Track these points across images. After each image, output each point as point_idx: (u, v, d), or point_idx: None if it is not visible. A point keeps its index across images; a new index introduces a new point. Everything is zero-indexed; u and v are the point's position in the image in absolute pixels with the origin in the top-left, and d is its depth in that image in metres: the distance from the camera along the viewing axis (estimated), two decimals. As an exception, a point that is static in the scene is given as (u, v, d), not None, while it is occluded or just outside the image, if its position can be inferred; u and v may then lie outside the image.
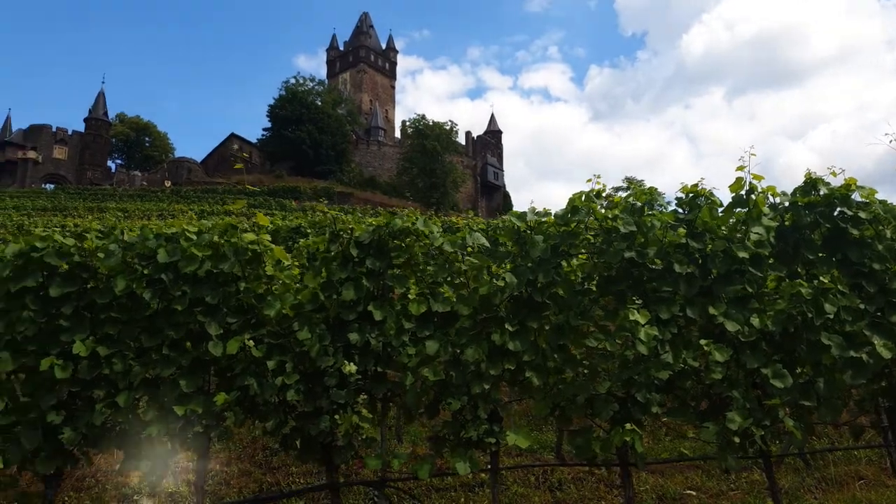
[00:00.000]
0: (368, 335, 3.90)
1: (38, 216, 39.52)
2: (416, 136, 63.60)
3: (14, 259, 4.01)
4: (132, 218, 37.39)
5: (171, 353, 3.83)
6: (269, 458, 6.02)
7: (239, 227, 4.17)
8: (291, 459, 5.75)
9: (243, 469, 5.86)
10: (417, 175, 61.70)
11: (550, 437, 6.47)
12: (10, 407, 3.77)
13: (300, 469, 5.68)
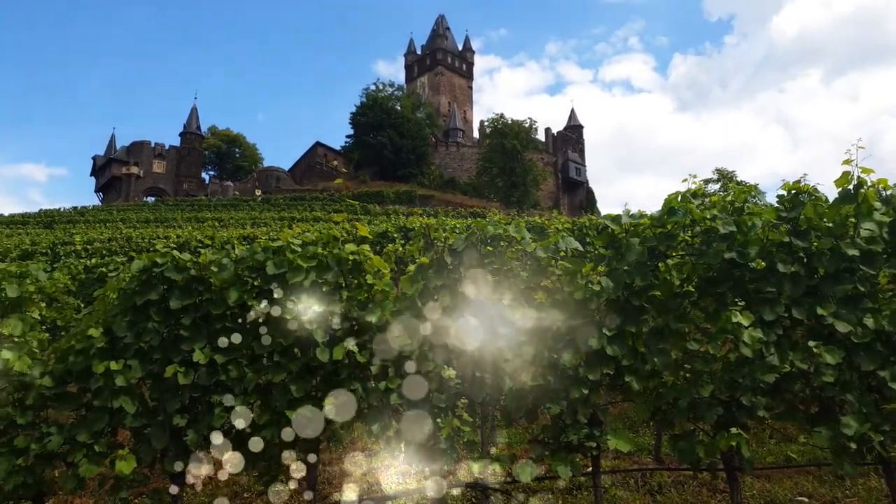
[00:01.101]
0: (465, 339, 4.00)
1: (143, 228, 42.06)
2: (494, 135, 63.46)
3: (139, 274, 4.37)
4: (227, 227, 39.22)
5: (282, 359, 4.06)
6: (370, 457, 6.24)
7: (340, 239, 4.37)
8: (392, 460, 5.95)
9: (344, 469, 6.10)
10: (497, 174, 61.54)
11: (647, 440, 6.38)
12: (140, 411, 4.12)
13: (399, 470, 5.85)
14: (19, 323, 4.42)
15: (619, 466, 5.55)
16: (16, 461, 3.96)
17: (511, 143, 60.47)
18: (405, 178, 74.38)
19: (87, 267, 15.03)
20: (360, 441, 6.51)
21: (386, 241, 14.38)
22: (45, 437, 4.03)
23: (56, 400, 4.20)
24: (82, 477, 3.90)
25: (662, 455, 5.76)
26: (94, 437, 4.02)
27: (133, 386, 4.13)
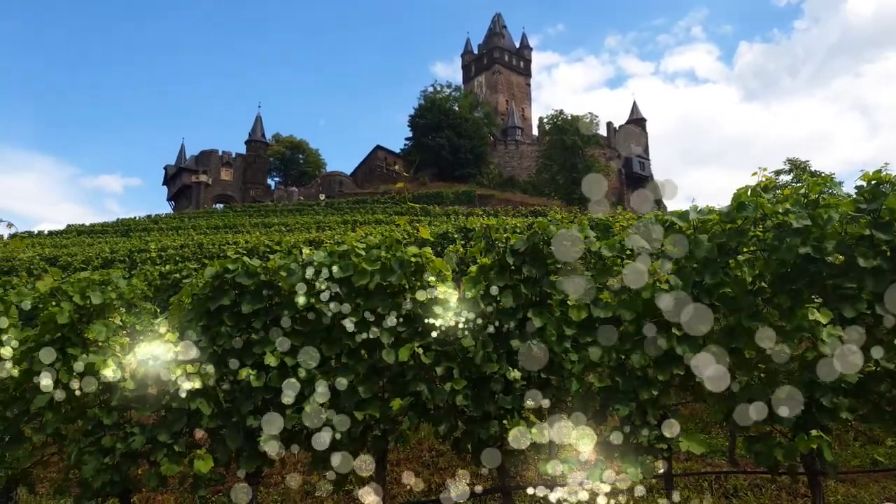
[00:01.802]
0: (530, 342, 3.98)
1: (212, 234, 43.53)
2: (553, 131, 62.88)
3: (211, 280, 4.54)
4: (293, 231, 40.19)
5: (349, 361, 4.14)
6: (436, 458, 6.29)
7: (403, 242, 4.43)
8: (458, 461, 5.98)
9: (412, 469, 6.16)
10: (558, 172, 60.96)
11: (720, 441, 6.19)
12: (215, 412, 4.28)
13: (466, 471, 5.87)
14: (103, 328, 4.66)
15: (692, 468, 5.41)
16: (103, 460, 4.18)
17: (571, 139, 59.77)
18: (464, 179, 74.54)
19: (162, 273, 15.71)
20: (427, 441, 6.57)
21: (446, 242, 14.45)
22: (129, 436, 4.24)
23: (138, 401, 4.41)
24: (164, 475, 4.08)
25: (737, 457, 5.58)
26: (174, 437, 4.20)
27: (209, 388, 4.29)
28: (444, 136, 76.08)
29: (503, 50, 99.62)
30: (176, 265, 17.46)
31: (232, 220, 56.55)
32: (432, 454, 6.42)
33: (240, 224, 52.90)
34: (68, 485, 4.41)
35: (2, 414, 4.74)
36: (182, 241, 32.59)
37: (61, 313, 4.60)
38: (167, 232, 50.13)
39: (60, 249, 35.75)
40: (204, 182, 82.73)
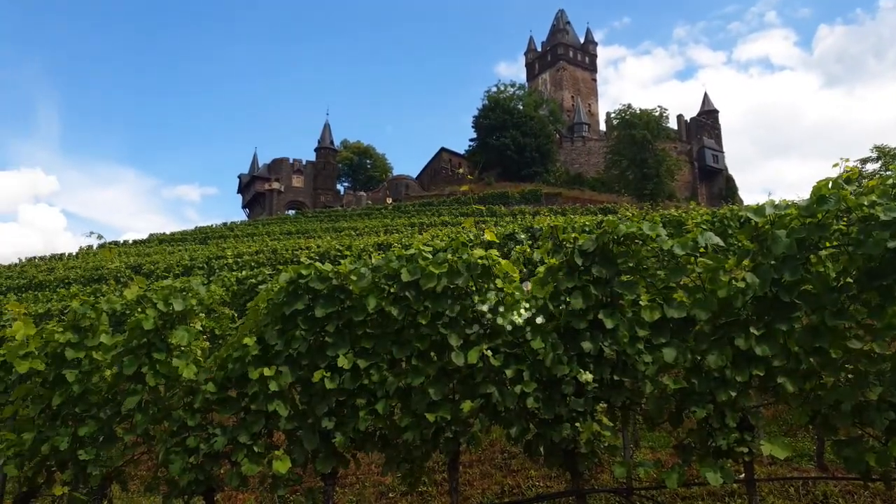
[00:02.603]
0: (601, 343, 3.92)
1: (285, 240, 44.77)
2: (622, 126, 61.50)
3: (286, 286, 4.68)
4: (362, 235, 40.90)
5: (419, 363, 4.19)
6: (508, 460, 6.27)
7: (469, 244, 4.44)
8: (530, 463, 5.95)
9: (484, 471, 6.17)
10: (627, 167, 59.52)
11: (806, 445, 5.91)
12: (292, 414, 4.41)
13: (539, 473, 5.83)
14: (185, 333, 4.88)
15: (776, 473, 5.18)
16: (188, 459, 4.37)
17: (640, 133, 58.32)
18: (530, 178, 73.98)
19: (239, 279, 16.27)
20: (499, 443, 6.56)
21: (513, 243, 14.37)
22: (211, 437, 4.42)
23: (219, 404, 4.59)
24: (245, 475, 4.23)
25: (826, 462, 5.31)
26: (253, 438, 4.35)
27: (285, 391, 4.42)
28: (509, 135, 75.74)
29: (567, 46, 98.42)
30: (252, 270, 18.06)
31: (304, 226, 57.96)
32: (504, 456, 6.40)
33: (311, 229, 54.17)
34: (157, 483, 4.63)
35: (95, 415, 5.04)
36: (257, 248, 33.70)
37: (147, 320, 4.84)
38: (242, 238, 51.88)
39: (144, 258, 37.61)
40: (276, 189, 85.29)
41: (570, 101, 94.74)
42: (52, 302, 19.43)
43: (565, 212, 44.67)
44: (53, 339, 5.35)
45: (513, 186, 68.52)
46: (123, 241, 59.43)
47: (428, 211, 59.79)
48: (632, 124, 59.42)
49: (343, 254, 18.00)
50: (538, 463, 5.71)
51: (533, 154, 76.10)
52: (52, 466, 5.08)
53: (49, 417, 5.12)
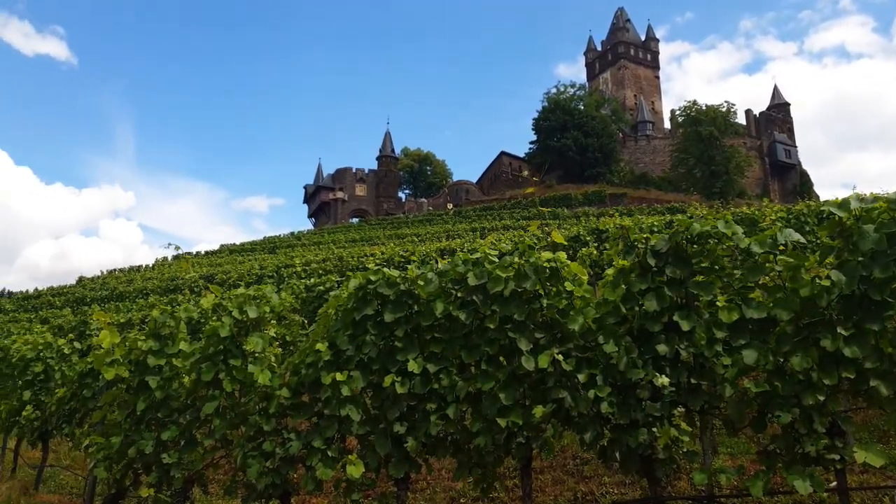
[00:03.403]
0: (677, 346, 3.80)
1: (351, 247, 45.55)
2: (687, 123, 59.86)
3: (355, 292, 4.75)
4: (425, 241, 41.19)
5: (489, 367, 4.16)
6: (580, 466, 6.15)
7: (536, 247, 4.40)
8: (603, 469, 5.82)
9: (556, 477, 6.07)
10: (694, 165, 57.86)
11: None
12: (364, 419, 4.45)
13: (612, 479, 5.70)
14: (259, 340, 5.02)
15: (868, 482, 4.90)
16: (265, 463, 4.48)
17: (707, 129, 56.68)
18: (593, 178, 72.87)
19: (308, 286, 16.64)
20: (571, 449, 6.45)
21: (578, 245, 14.16)
22: (286, 442, 4.52)
23: (293, 409, 4.69)
24: (319, 479, 4.30)
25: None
26: (327, 443, 4.42)
27: (357, 395, 4.47)
28: (570, 136, 74.84)
29: (628, 44, 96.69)
30: (319, 278, 18.44)
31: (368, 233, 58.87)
32: (576, 462, 6.28)
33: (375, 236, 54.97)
34: (236, 486, 4.76)
35: (176, 420, 5.23)
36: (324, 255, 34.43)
37: (223, 327, 5.00)
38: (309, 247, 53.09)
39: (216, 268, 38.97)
40: (340, 198, 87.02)
41: (632, 99, 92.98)
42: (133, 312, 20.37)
43: (631, 212, 43.73)
44: (136, 346, 5.60)
45: (575, 188, 67.62)
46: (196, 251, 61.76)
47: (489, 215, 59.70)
48: (698, 121, 57.81)
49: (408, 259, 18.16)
50: (612, 469, 5.59)
51: (595, 154, 74.93)
52: (138, 469, 5.30)
53: (134, 422, 5.36)
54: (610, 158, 76.35)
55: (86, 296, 38.05)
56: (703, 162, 56.99)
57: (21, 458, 9.59)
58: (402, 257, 18.95)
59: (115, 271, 58.58)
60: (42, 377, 8.81)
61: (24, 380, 8.87)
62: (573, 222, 34.59)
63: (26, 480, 8.67)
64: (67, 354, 9.02)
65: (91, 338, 7.67)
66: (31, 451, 9.78)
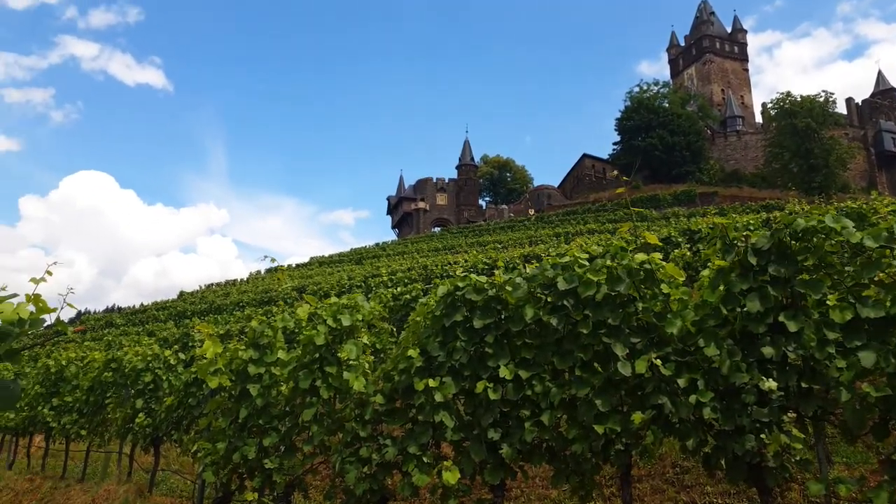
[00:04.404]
0: (784, 348, 3.59)
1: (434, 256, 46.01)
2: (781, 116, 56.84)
3: (444, 298, 4.78)
4: (507, 248, 41.08)
5: (583, 373, 4.07)
6: (680, 475, 5.93)
7: (629, 249, 4.28)
8: (705, 478, 5.58)
9: (655, 486, 5.88)
10: (790, 160, 54.82)
11: None
12: (457, 425, 4.46)
13: (715, 489, 5.46)
14: (353, 347, 5.13)
15: None
16: (362, 469, 4.57)
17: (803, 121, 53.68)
18: (681, 178, 70.61)
19: (394, 295, 16.92)
20: (670, 457, 6.23)
21: (670, 247, 13.71)
22: (382, 448, 4.59)
23: (387, 415, 4.76)
24: (416, 485, 4.34)
25: None
26: (422, 448, 4.46)
27: (449, 401, 4.49)
28: (655, 135, 72.89)
29: (713, 37, 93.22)
30: (405, 287, 18.72)
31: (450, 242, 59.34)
32: (676, 470, 6.06)
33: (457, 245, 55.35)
34: (335, 492, 4.87)
35: (276, 427, 5.42)
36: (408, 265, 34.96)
37: (318, 335, 5.15)
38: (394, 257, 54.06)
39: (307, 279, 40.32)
40: (422, 208, 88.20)
41: (720, 94, 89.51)
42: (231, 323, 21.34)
43: (724, 211, 42.01)
44: (237, 356, 5.85)
45: (663, 188, 65.70)
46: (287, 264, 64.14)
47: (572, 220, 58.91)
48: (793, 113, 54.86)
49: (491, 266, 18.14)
50: (714, 478, 5.35)
51: (683, 153, 72.62)
52: (243, 473, 5.52)
53: (238, 428, 5.59)
54: (698, 156, 73.80)
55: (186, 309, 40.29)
56: (799, 156, 53.97)
57: (136, 462, 10.20)
58: (486, 264, 18.95)
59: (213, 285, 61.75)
60: (152, 386, 9.37)
61: (135, 389, 9.46)
62: (662, 224, 33.58)
63: (141, 483, 9.23)
64: (173, 365, 9.55)
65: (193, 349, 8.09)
66: (143, 455, 10.38)
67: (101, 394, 10.44)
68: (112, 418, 9.92)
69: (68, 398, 11.31)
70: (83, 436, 10.62)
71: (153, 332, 28.44)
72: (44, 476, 11.67)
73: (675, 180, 70.17)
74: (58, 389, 11.91)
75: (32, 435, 13.33)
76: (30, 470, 12.65)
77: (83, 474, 10.92)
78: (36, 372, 12.90)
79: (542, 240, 44.02)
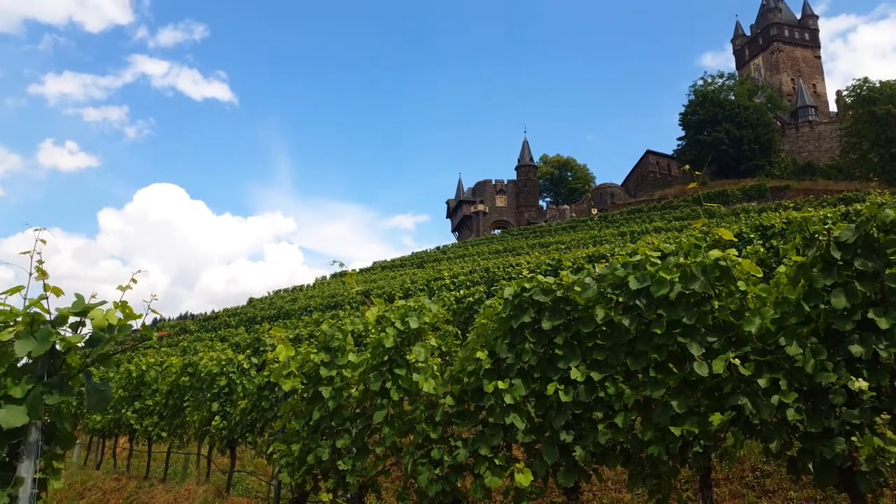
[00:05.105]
0: (875, 346, 3.41)
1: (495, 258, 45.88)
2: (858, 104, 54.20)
3: (511, 300, 4.76)
4: (570, 249, 40.58)
5: (658, 374, 3.97)
6: (761, 479, 5.70)
7: (703, 246, 4.16)
8: (788, 482, 5.36)
9: (734, 490, 5.68)
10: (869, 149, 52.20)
11: None
12: (528, 427, 4.43)
13: (800, 494, 5.23)
14: (422, 350, 5.16)
15: None
16: (434, 471, 4.59)
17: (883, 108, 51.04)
18: (749, 172, 68.20)
19: (457, 298, 16.96)
20: (749, 460, 6.00)
21: (741, 244, 13.24)
22: (453, 449, 4.60)
23: (458, 417, 4.77)
24: (488, 487, 4.33)
25: None
26: (493, 451, 4.44)
27: (520, 403, 4.46)
28: (722, 129, 70.66)
29: (781, 25, 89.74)
30: (468, 289, 18.73)
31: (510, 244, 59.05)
32: (756, 475, 5.83)
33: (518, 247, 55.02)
34: (407, 493, 4.91)
35: (348, 429, 5.51)
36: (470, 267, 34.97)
37: (387, 338, 5.21)
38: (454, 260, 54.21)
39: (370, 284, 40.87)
40: (481, 211, 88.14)
41: (789, 84, 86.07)
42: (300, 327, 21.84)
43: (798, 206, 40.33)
44: (309, 359, 5.98)
45: (731, 183, 63.51)
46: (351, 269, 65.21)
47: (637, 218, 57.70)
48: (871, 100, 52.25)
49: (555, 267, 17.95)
50: (798, 483, 5.13)
51: (751, 146, 70.13)
52: (317, 475, 5.64)
53: (311, 430, 5.71)
54: (768, 149, 71.11)
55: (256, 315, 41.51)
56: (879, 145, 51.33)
57: (213, 463, 10.57)
58: (549, 266, 18.76)
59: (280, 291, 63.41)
60: (226, 390, 9.69)
61: (211, 392, 9.82)
62: (731, 220, 32.50)
63: (219, 484, 9.55)
64: (246, 369, 9.85)
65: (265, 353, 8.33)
66: (220, 457, 10.74)
67: (180, 397, 10.89)
68: (190, 421, 10.32)
69: (149, 402, 11.84)
70: (164, 437, 11.09)
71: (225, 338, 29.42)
72: (129, 476, 12.23)
73: (744, 175, 67.78)
74: (139, 393, 12.49)
75: (117, 437, 14.02)
76: (116, 470, 13.30)
77: (165, 474, 11.39)
78: (119, 377, 13.55)
79: (607, 240, 43.27)
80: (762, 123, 72.04)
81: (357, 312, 20.19)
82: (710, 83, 76.72)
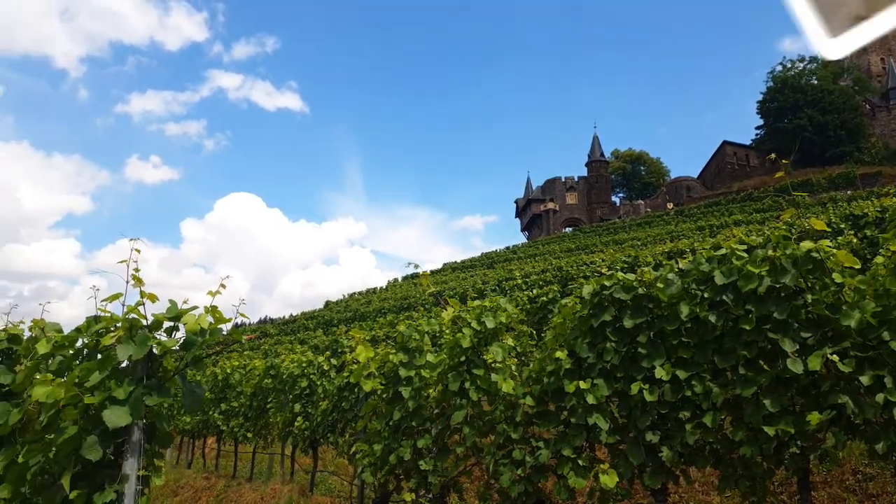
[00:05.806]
0: None
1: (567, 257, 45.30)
2: (956, 82, 50.58)
3: (590, 298, 4.67)
4: (647, 245, 39.60)
5: (748, 372, 3.81)
6: (863, 483, 5.38)
7: (792, 238, 3.97)
8: (893, 486, 5.04)
9: (833, 494, 5.38)
10: (969, 129, 48.63)
11: None
12: (612, 427, 4.34)
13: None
14: (499, 350, 5.14)
15: None
16: (516, 471, 4.56)
17: (984, 85, 47.34)
18: (836, 159, 64.70)
19: (531, 297, 16.83)
20: (849, 462, 5.68)
21: (831, 234, 12.58)
22: (535, 450, 4.56)
23: (538, 417, 4.72)
24: (572, 488, 4.27)
25: None
26: (576, 451, 4.37)
27: (602, 404, 4.38)
28: (804, 115, 67.37)
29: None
30: (541, 289, 18.57)
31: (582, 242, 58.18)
32: (858, 478, 5.51)
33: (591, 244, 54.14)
34: (489, 494, 4.90)
35: (428, 428, 5.55)
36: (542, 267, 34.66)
37: (464, 338, 5.22)
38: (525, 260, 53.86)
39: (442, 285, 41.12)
40: (552, 209, 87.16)
41: (879, 64, 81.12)
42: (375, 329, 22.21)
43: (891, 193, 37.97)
44: (388, 359, 6.06)
45: (816, 172, 60.40)
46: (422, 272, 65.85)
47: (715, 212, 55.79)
48: (971, 76, 48.52)
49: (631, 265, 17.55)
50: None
51: (837, 132, 66.51)
52: (400, 475, 5.70)
53: (392, 430, 5.78)
54: (856, 135, 67.28)
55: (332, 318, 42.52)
56: (982, 124, 47.63)
57: (297, 463, 10.88)
58: (625, 263, 18.37)
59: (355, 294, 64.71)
60: (308, 391, 9.95)
61: (293, 394, 10.10)
62: (818, 209, 30.92)
63: (303, 484, 9.82)
64: (326, 370, 10.07)
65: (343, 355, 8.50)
66: (303, 457, 11.05)
67: (263, 399, 11.26)
68: (273, 422, 10.66)
69: (234, 403, 12.31)
70: (249, 438, 11.50)
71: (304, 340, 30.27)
72: (217, 475, 12.76)
73: (829, 162, 64.36)
74: (225, 395, 13.00)
75: (206, 437, 14.63)
76: (205, 469, 13.89)
77: (251, 474, 11.81)
78: (205, 379, 14.15)
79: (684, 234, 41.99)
80: (849, 107, 68.20)
81: (430, 314, 20.35)
82: (789, 68, 73.35)
